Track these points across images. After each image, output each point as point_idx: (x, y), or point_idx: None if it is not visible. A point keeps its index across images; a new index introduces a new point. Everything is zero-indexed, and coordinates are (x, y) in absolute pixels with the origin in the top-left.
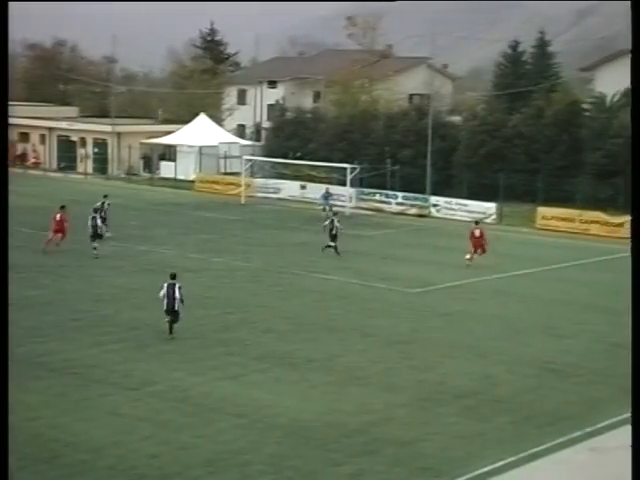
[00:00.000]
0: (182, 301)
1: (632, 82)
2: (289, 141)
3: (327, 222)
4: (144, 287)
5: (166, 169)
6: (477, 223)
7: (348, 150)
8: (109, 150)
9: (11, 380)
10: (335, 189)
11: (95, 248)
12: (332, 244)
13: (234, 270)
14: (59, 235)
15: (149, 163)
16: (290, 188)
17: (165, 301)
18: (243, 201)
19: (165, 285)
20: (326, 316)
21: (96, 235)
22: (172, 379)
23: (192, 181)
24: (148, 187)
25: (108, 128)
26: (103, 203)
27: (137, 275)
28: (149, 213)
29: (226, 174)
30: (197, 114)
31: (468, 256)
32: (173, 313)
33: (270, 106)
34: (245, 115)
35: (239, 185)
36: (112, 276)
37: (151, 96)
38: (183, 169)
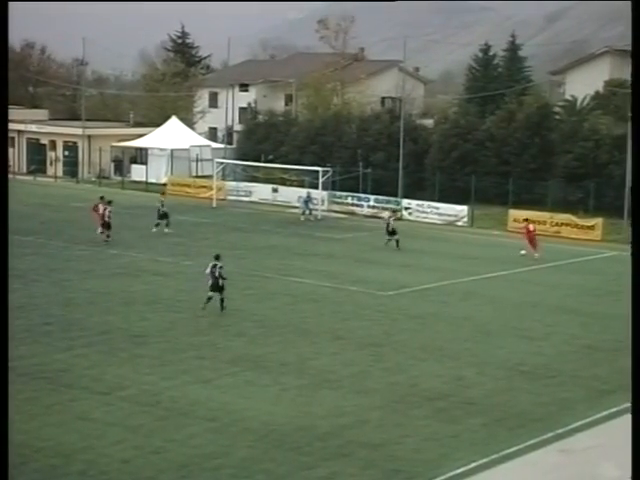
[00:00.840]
0: (225, 279)
1: (632, 82)
2: (261, 144)
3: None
4: (115, 291)
5: (137, 172)
6: (526, 220)
7: (320, 153)
8: (80, 153)
9: None
10: (309, 191)
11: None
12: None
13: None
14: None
15: (120, 166)
16: (262, 191)
17: (210, 280)
18: (215, 204)
19: (210, 265)
20: (298, 319)
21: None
22: (143, 383)
23: (164, 184)
24: (119, 190)
25: (79, 131)
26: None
27: (108, 279)
28: (120, 216)
29: (198, 177)
30: (169, 117)
31: (529, 252)
32: (219, 289)
33: (242, 109)
34: (217, 118)
35: (211, 188)
36: (83, 280)
37: (122, 99)
38: (154, 172)
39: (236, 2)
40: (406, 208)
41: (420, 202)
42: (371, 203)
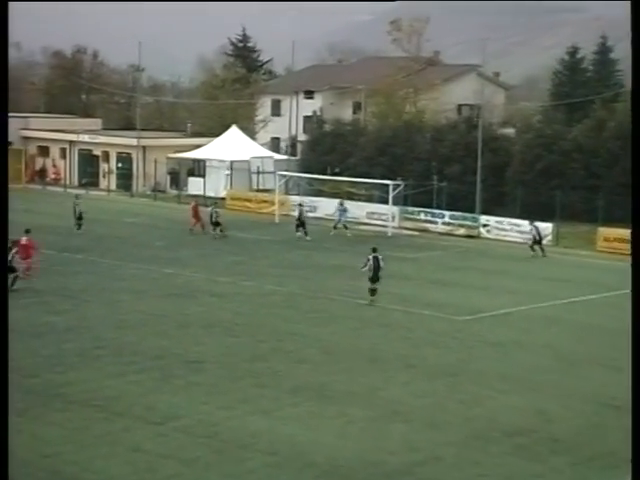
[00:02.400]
0: (382, 269)
1: (632, 82)
2: (327, 155)
3: None
4: (169, 313)
5: (195, 185)
6: None
7: (391, 165)
8: (134, 165)
9: (28, 413)
10: (376, 207)
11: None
12: None
13: (266, 295)
14: (198, 222)
15: (176, 179)
16: (328, 206)
17: (371, 273)
18: (277, 220)
19: (370, 257)
20: (366, 345)
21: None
22: (199, 413)
23: (222, 198)
24: (175, 205)
25: (133, 141)
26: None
27: (162, 300)
28: (176, 233)
29: (259, 191)
30: (228, 126)
31: None
32: (378, 280)
33: (306, 118)
34: (279, 127)
35: (273, 203)
36: (136, 300)
37: (179, 107)
38: (213, 185)
39: (299, 1)
40: (484, 225)
41: (500, 219)
42: (446, 220)
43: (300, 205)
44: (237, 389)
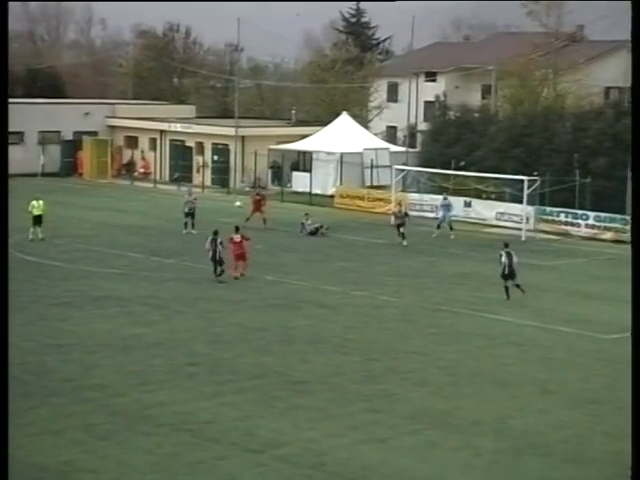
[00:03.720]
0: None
1: (632, 82)
2: (451, 147)
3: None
4: (271, 326)
5: (299, 181)
6: None
7: (525, 159)
8: (231, 158)
9: (113, 436)
10: (508, 207)
11: None
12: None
13: (380, 307)
14: (257, 213)
15: (279, 174)
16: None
17: (506, 270)
18: (393, 221)
19: (503, 253)
20: (495, 367)
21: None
22: (304, 440)
23: (331, 196)
24: (277, 203)
25: (231, 131)
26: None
27: (263, 311)
28: (277, 235)
29: (372, 187)
30: (338, 114)
31: None
32: (513, 277)
33: (428, 103)
34: (397, 115)
35: (388, 201)
36: (233, 312)
37: (283, 92)
38: (320, 181)
39: None
40: None
41: None
42: (590, 222)
43: (399, 205)
44: (347, 414)
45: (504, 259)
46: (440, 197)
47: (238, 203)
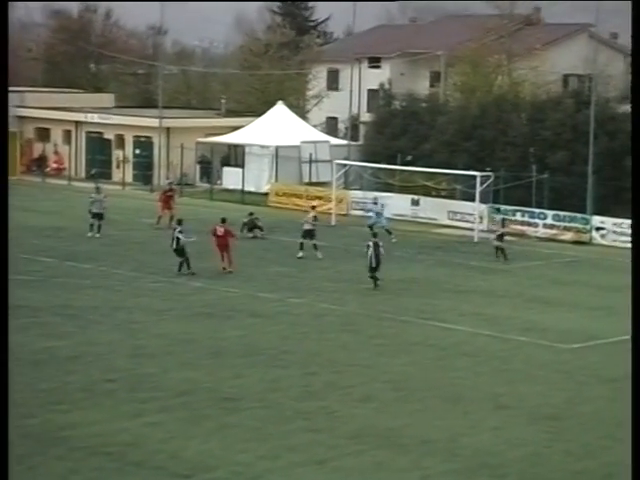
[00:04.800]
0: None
1: (632, 82)
2: (397, 140)
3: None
4: (199, 338)
5: (230, 178)
6: None
7: (477, 152)
8: (155, 152)
9: (25, 461)
10: (460, 206)
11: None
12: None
13: (320, 315)
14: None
15: (208, 169)
16: (398, 204)
17: (373, 259)
18: (334, 222)
19: (371, 244)
20: (446, 380)
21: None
22: (236, 463)
23: (265, 194)
24: (206, 202)
25: (154, 122)
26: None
27: (189, 321)
28: (206, 237)
29: (311, 184)
30: (273, 103)
31: None
32: (376, 269)
33: (371, 92)
34: (337, 104)
35: (329, 200)
36: (156, 322)
37: (212, 79)
38: (253, 178)
39: None
40: (598, 229)
41: (618, 220)
42: (548, 221)
43: (312, 209)
44: (283, 433)
45: (371, 251)
46: (385, 195)
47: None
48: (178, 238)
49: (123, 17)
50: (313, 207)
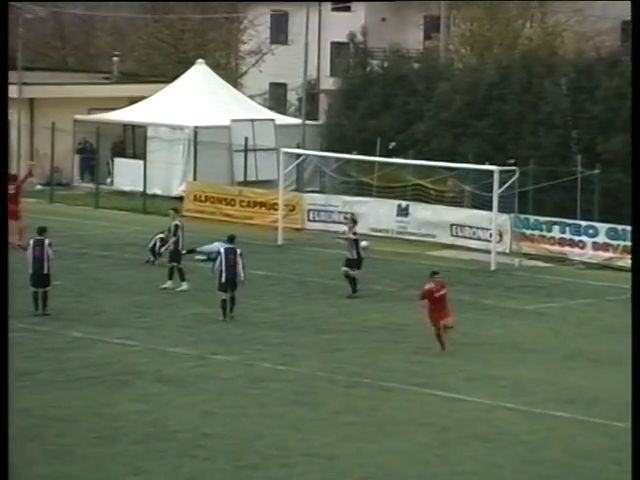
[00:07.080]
0: (244, 267)
1: (632, 82)
2: (376, 118)
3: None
4: (77, 415)
5: (126, 174)
6: None
7: (495, 137)
8: (12, 134)
9: None
10: (469, 216)
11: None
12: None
13: (261, 380)
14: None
15: (91, 162)
16: (377, 213)
17: (224, 274)
18: (280, 240)
19: (222, 249)
20: (448, 477)
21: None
22: None
23: (179, 198)
24: (89, 210)
25: (12, 90)
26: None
27: (65, 390)
28: (88, 263)
29: (247, 184)
30: (190, 63)
31: None
32: (234, 285)
33: (337, 46)
34: (286, 65)
35: (274, 206)
36: (16, 392)
37: (98, 27)
38: (160, 174)
39: None
40: None
41: None
42: (600, 239)
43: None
44: None
45: (222, 257)
46: (359, 199)
47: None
48: (47, 257)
49: None
50: (175, 210)
